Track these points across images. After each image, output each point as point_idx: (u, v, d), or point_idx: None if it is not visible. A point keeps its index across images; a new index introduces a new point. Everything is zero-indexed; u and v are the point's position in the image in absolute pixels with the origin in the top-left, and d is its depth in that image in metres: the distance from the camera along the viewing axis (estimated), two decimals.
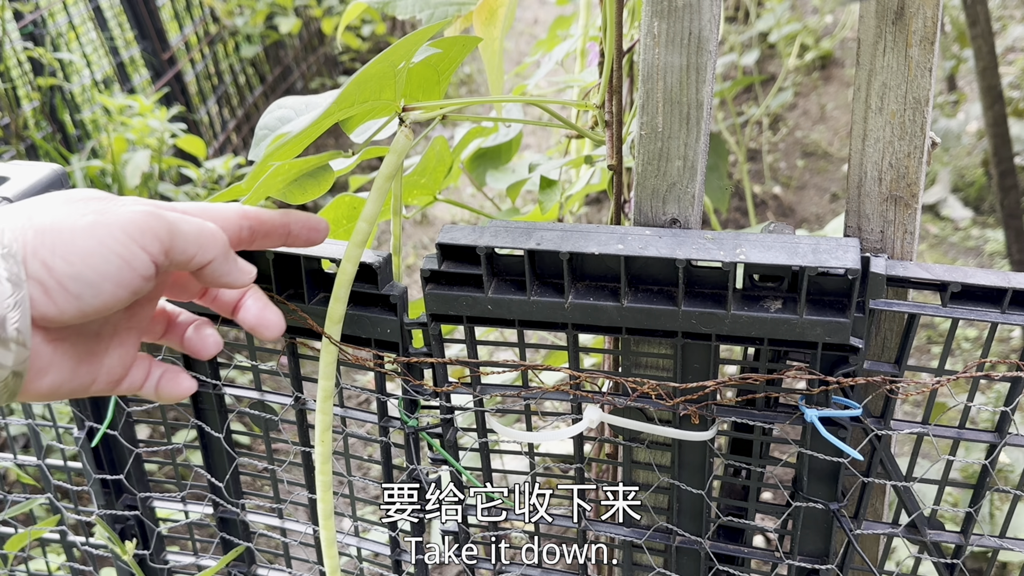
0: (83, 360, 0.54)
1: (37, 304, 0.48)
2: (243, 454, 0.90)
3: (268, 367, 0.84)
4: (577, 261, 0.69)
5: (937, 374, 0.67)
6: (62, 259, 0.48)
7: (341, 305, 0.67)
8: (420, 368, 0.77)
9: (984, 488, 0.73)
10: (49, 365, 0.52)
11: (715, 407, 0.72)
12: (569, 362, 0.73)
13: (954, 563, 0.76)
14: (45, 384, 0.52)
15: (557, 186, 1.14)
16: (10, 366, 0.48)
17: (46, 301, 0.48)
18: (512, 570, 0.87)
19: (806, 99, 3.70)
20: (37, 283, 0.48)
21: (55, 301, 0.49)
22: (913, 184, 0.68)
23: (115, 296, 0.50)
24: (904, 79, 0.65)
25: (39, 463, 0.97)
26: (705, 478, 0.76)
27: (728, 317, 0.65)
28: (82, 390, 0.55)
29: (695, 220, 0.73)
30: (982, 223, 2.93)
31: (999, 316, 0.64)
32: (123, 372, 0.58)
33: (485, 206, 2.89)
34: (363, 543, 0.91)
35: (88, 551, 1.01)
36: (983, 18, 1.95)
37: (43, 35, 2.74)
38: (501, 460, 1.62)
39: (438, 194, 1.06)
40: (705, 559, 0.79)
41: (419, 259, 3.06)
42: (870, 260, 0.64)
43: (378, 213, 0.65)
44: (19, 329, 0.47)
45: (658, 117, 0.69)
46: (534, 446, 0.80)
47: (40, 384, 0.52)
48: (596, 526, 0.81)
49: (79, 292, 0.49)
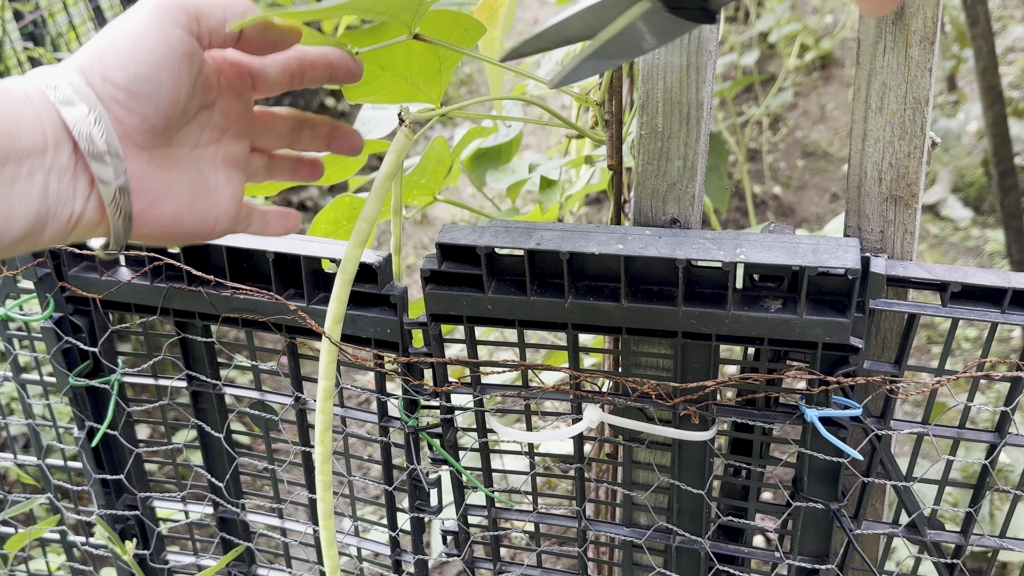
0: (198, 194, 0.57)
1: (121, 120, 0.52)
2: (243, 454, 0.90)
3: (268, 367, 0.85)
4: (577, 261, 0.69)
5: (937, 374, 0.67)
6: (117, 68, 0.51)
7: (341, 305, 0.67)
8: (420, 368, 0.77)
9: (984, 488, 0.73)
10: (163, 190, 0.55)
11: (715, 407, 0.72)
12: (569, 362, 0.73)
13: (954, 563, 0.76)
14: (166, 211, 0.55)
15: (557, 186, 1.14)
16: (112, 179, 0.52)
17: (126, 113, 0.52)
18: (512, 570, 0.87)
19: (806, 99, 3.71)
20: (111, 100, 0.52)
21: (133, 109, 0.52)
22: (913, 184, 0.68)
23: (176, 82, 0.53)
24: (904, 79, 0.65)
25: (39, 463, 0.97)
26: (705, 478, 0.76)
27: (728, 317, 0.65)
28: (207, 226, 0.58)
29: (695, 220, 0.73)
30: (982, 223, 2.93)
31: (999, 316, 0.64)
32: (239, 208, 0.61)
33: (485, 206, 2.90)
34: (363, 543, 0.91)
35: (88, 551, 1.01)
36: (983, 18, 1.95)
37: (43, 35, 2.74)
38: (501, 460, 1.62)
39: (438, 194, 1.06)
40: (705, 559, 0.79)
41: (419, 259, 3.06)
42: (870, 260, 0.65)
43: (378, 213, 0.65)
44: (107, 141, 0.51)
45: (658, 117, 0.69)
46: (534, 446, 0.80)
47: (161, 212, 0.55)
48: (596, 526, 0.81)
49: (146, 91, 0.52)
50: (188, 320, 0.82)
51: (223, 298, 0.78)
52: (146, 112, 0.52)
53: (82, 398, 0.89)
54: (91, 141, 0.51)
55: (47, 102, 0.51)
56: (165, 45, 0.52)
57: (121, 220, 0.54)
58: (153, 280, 0.79)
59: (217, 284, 0.77)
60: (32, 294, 0.85)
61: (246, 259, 0.79)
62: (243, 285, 0.77)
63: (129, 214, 0.54)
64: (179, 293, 0.79)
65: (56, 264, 0.83)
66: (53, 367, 0.88)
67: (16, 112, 0.49)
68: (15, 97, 0.50)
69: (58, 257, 0.83)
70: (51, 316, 0.84)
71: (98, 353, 0.86)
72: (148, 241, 0.57)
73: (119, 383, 0.88)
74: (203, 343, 0.84)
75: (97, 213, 0.53)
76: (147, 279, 0.80)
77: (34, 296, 0.85)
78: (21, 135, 0.49)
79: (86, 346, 0.86)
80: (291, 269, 0.78)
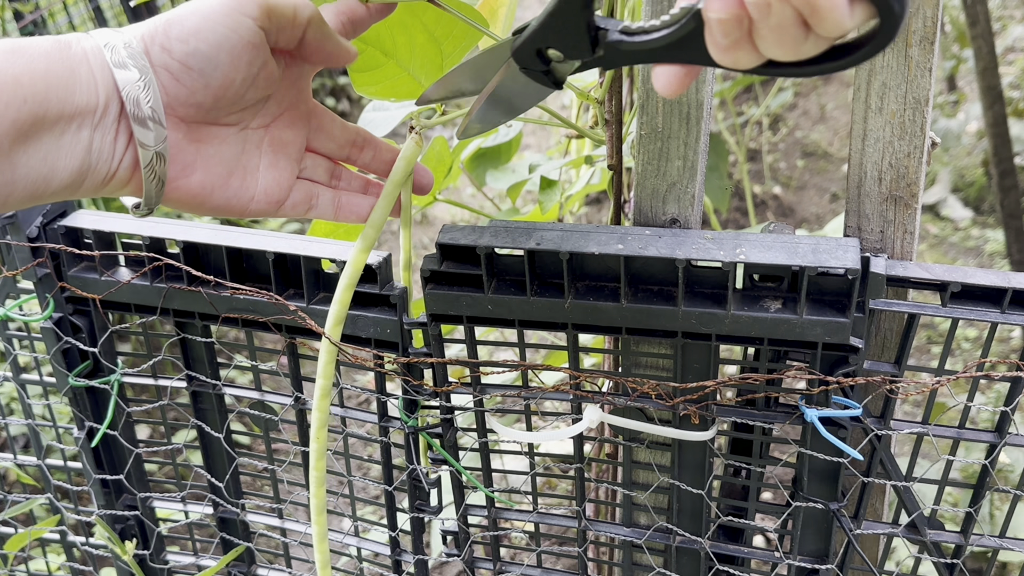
0: (234, 171, 0.58)
1: (168, 88, 0.54)
2: (243, 454, 0.90)
3: (268, 367, 0.85)
4: (577, 261, 0.69)
5: (937, 374, 0.67)
6: (178, 40, 0.53)
7: (343, 308, 0.67)
8: (420, 368, 0.77)
9: (984, 488, 0.73)
10: (195, 161, 0.57)
11: (715, 407, 0.72)
12: (569, 362, 0.73)
13: (954, 563, 0.76)
14: (195, 181, 0.57)
15: (557, 186, 1.14)
16: (151, 144, 0.53)
17: (175, 84, 0.54)
18: (512, 570, 0.87)
19: (806, 99, 3.71)
20: (163, 69, 0.53)
21: (182, 82, 0.54)
22: (913, 184, 0.68)
23: (232, 67, 0.54)
24: (904, 79, 0.65)
25: (39, 463, 0.97)
26: (705, 478, 0.76)
27: (728, 317, 0.65)
28: (240, 204, 0.59)
29: (695, 220, 0.73)
30: (982, 223, 2.94)
31: (999, 316, 0.64)
32: (281, 193, 0.61)
33: (485, 206, 2.89)
34: (363, 543, 0.91)
35: (88, 551, 1.01)
36: (983, 18, 1.95)
37: (43, 35, 2.74)
38: (501, 460, 1.62)
39: (438, 194, 1.06)
40: (705, 559, 0.79)
41: (419, 259, 3.06)
42: (870, 260, 0.65)
43: (385, 219, 0.65)
44: (152, 107, 0.53)
45: (658, 117, 0.69)
46: (534, 446, 0.80)
47: (190, 181, 0.56)
48: (596, 526, 0.81)
49: (200, 67, 0.53)
50: (188, 320, 0.82)
51: (223, 298, 0.78)
52: (195, 88, 0.54)
53: (82, 398, 0.89)
54: (137, 105, 0.52)
55: (103, 61, 0.52)
56: (231, 30, 0.53)
57: (155, 184, 0.55)
58: (153, 280, 0.79)
59: (217, 284, 0.77)
60: (32, 294, 0.85)
61: (246, 259, 0.79)
62: (243, 285, 0.77)
63: (163, 179, 0.55)
64: (179, 293, 0.79)
65: (56, 264, 0.83)
66: (53, 367, 0.88)
67: (74, 69, 0.51)
68: (75, 53, 0.52)
69: (58, 257, 0.83)
70: (51, 316, 0.84)
71: (98, 353, 0.86)
72: (176, 207, 0.58)
73: (119, 383, 0.88)
74: (203, 343, 0.84)
75: (129, 172, 0.55)
76: (147, 279, 0.80)
77: (34, 296, 0.85)
78: (76, 92, 0.51)
79: (86, 346, 0.86)
80: (291, 269, 0.78)
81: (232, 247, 0.77)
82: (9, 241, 0.82)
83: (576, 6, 0.49)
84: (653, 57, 0.49)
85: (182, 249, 0.78)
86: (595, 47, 0.51)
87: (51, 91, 0.50)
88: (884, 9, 0.41)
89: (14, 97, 0.49)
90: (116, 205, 2.61)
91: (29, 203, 0.52)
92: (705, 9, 0.44)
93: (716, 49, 0.45)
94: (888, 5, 0.41)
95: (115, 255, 0.81)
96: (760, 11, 0.41)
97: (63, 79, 0.51)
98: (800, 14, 0.41)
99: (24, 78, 0.49)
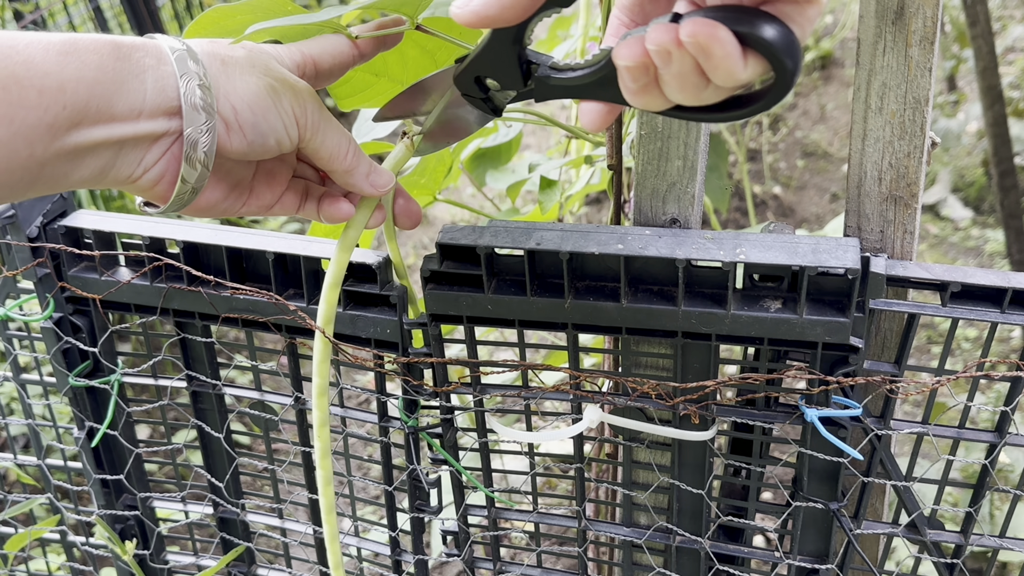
0: (235, 187, 0.61)
1: (219, 138, 0.56)
2: (243, 454, 0.90)
3: (268, 367, 0.85)
4: (577, 261, 0.69)
5: (937, 374, 0.67)
6: (248, 108, 0.56)
7: (331, 308, 0.68)
8: (420, 368, 0.77)
9: (984, 488, 0.73)
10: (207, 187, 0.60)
11: (715, 407, 0.71)
12: (569, 362, 0.73)
13: (954, 563, 0.76)
14: (203, 200, 0.59)
15: (557, 186, 1.14)
16: (192, 183, 0.56)
17: (225, 138, 0.56)
18: (512, 570, 0.87)
19: (806, 99, 3.71)
20: (222, 121, 0.55)
21: (232, 141, 0.56)
22: (913, 184, 0.68)
23: (270, 151, 0.58)
24: (904, 79, 0.65)
25: (39, 463, 0.97)
26: (705, 478, 0.76)
27: (728, 317, 0.65)
28: (233, 210, 0.63)
29: (695, 220, 0.73)
30: (982, 223, 2.93)
31: (999, 316, 0.64)
32: (273, 199, 0.64)
33: (485, 206, 2.89)
34: (363, 543, 0.91)
35: (88, 551, 1.01)
36: (983, 18, 1.95)
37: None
38: (501, 460, 1.62)
39: (438, 194, 1.06)
40: (705, 559, 0.79)
41: (419, 259, 3.06)
42: (870, 260, 0.64)
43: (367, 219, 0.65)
44: (207, 153, 0.55)
45: (658, 117, 0.69)
46: (534, 446, 0.80)
47: (199, 200, 0.59)
48: (596, 526, 0.81)
49: (252, 139, 0.56)
50: (188, 320, 0.82)
51: (223, 298, 0.78)
52: (237, 148, 0.56)
53: (82, 398, 0.89)
54: (194, 148, 0.54)
55: (174, 86, 0.53)
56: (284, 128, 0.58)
57: (179, 204, 0.58)
58: (153, 280, 0.79)
59: (217, 284, 0.77)
60: (32, 294, 0.85)
61: (246, 259, 0.79)
62: (243, 285, 0.77)
63: (186, 204, 0.58)
64: (179, 293, 0.79)
65: (56, 264, 0.83)
66: (53, 367, 0.88)
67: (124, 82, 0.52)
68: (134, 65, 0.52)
69: (58, 257, 0.83)
70: (51, 316, 0.84)
71: (98, 353, 0.86)
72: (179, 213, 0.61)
73: (119, 383, 0.88)
74: (203, 343, 0.84)
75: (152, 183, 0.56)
76: (147, 279, 0.80)
77: (34, 296, 0.85)
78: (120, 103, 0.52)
79: (86, 346, 0.86)
80: (291, 269, 0.78)
81: (232, 247, 0.77)
82: (9, 241, 0.82)
83: (507, 40, 0.52)
84: (576, 93, 0.53)
85: (182, 249, 0.78)
86: (527, 80, 0.54)
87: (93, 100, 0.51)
88: (778, 65, 0.44)
89: (54, 102, 0.49)
90: (116, 205, 2.61)
91: (45, 193, 0.53)
92: (615, 56, 0.47)
93: (627, 92, 0.49)
94: (781, 61, 0.43)
95: (115, 255, 0.81)
96: (662, 60, 0.45)
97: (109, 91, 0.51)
98: (699, 65, 0.44)
99: (69, 85, 0.50)
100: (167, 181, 0.56)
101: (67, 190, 0.55)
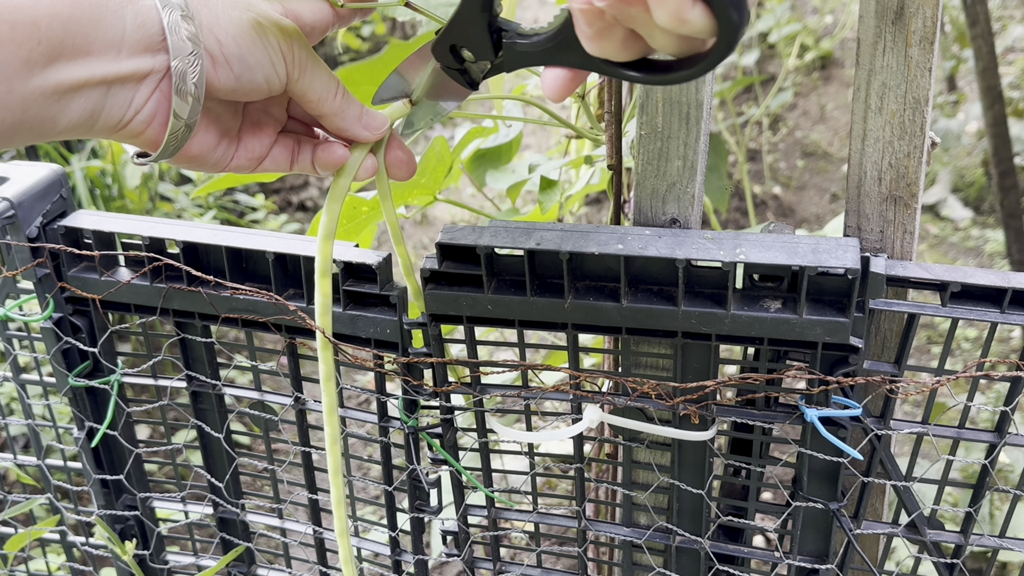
0: (224, 135, 0.61)
1: (207, 73, 0.55)
2: (243, 454, 0.90)
3: (268, 367, 0.85)
4: (577, 261, 0.69)
5: (937, 374, 0.67)
6: (233, 41, 0.55)
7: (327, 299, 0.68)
8: (420, 368, 0.77)
9: (984, 488, 0.73)
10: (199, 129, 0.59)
11: (715, 407, 0.72)
12: (569, 362, 0.73)
13: (954, 563, 0.76)
14: (194, 145, 0.59)
15: (557, 186, 1.14)
16: (185, 118, 0.55)
17: (212, 72, 0.55)
18: (512, 570, 0.87)
19: (806, 99, 3.71)
20: (208, 54, 0.55)
21: (219, 74, 0.55)
22: (913, 184, 0.68)
23: (259, 89, 0.57)
24: (904, 79, 0.65)
25: (39, 463, 0.97)
26: (705, 478, 0.76)
27: (728, 317, 0.65)
28: (223, 162, 0.62)
29: (695, 220, 0.73)
30: (982, 223, 2.93)
31: (999, 316, 0.64)
32: (263, 151, 0.63)
33: (485, 206, 2.89)
34: (363, 543, 0.91)
35: (88, 551, 1.01)
36: (983, 18, 1.95)
37: None
38: (501, 460, 1.62)
39: (438, 194, 1.06)
40: (705, 559, 0.79)
41: (419, 259, 3.06)
42: (870, 260, 0.64)
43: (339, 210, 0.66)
44: (196, 84, 0.54)
45: (658, 117, 0.69)
46: (534, 446, 0.80)
47: (191, 145, 0.58)
48: (596, 526, 0.81)
49: (239, 73, 0.56)
50: (188, 320, 0.82)
51: (223, 298, 0.78)
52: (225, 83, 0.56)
53: (82, 398, 0.89)
54: (183, 79, 0.54)
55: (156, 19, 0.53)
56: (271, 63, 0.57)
57: (173, 146, 0.57)
58: (153, 280, 0.79)
59: (217, 284, 0.77)
60: (32, 294, 0.85)
61: (246, 259, 0.79)
62: (243, 285, 0.77)
63: (180, 146, 0.57)
64: (179, 293, 0.79)
65: (56, 264, 0.83)
66: (53, 367, 0.88)
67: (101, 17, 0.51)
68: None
69: (58, 257, 0.83)
70: (51, 316, 0.84)
71: (98, 353, 0.86)
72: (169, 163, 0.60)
73: (119, 383, 0.88)
74: (203, 343, 0.84)
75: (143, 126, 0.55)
76: (147, 279, 0.80)
77: (34, 296, 0.85)
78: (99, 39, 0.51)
79: (86, 346, 0.86)
80: (291, 269, 0.78)
81: (232, 247, 0.77)
82: (9, 241, 0.82)
83: (476, 8, 0.53)
84: (542, 59, 0.54)
85: (182, 249, 0.78)
86: (498, 50, 0.55)
87: (69, 37, 0.50)
88: (722, 15, 0.44)
89: (28, 37, 0.49)
90: (117, 205, 2.61)
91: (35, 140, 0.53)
92: (570, 2, 0.47)
93: (584, 38, 0.48)
94: (726, 13, 0.44)
95: (115, 255, 0.81)
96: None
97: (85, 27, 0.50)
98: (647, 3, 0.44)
99: (43, 20, 0.49)
100: (159, 122, 0.55)
101: (58, 138, 0.54)
